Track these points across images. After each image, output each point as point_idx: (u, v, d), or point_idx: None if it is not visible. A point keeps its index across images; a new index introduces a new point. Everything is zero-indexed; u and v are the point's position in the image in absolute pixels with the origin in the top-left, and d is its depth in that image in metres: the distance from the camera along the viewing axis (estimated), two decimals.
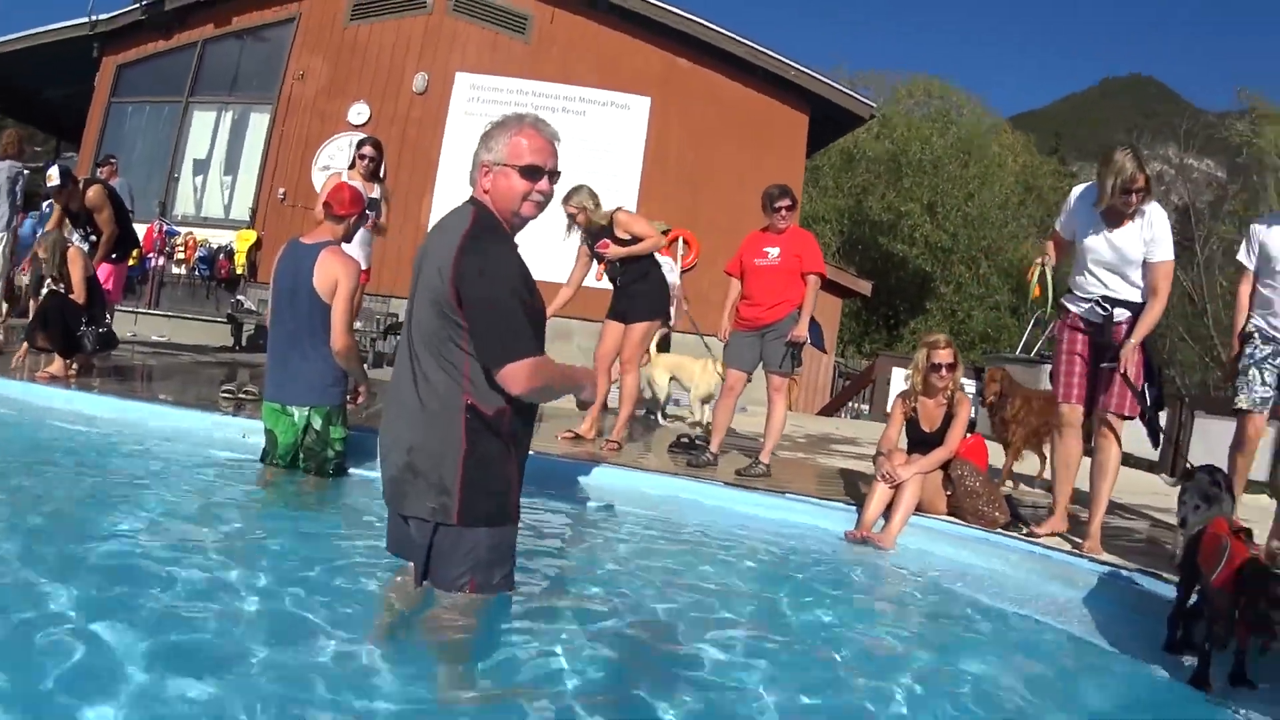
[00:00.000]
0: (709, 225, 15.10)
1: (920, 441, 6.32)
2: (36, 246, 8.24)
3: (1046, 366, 13.79)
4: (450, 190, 14.81)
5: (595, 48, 16.01)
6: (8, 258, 10.32)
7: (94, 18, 16.45)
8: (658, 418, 11.24)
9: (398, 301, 14.46)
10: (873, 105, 17.82)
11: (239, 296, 15.22)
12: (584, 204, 7.78)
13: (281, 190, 15.91)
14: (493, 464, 3.46)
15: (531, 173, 3.45)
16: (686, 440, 8.09)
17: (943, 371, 6.23)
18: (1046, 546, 5.68)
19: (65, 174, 8.96)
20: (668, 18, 15.65)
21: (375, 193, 8.54)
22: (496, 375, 3.34)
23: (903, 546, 5.80)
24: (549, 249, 6.87)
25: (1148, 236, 5.57)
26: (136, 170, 15.40)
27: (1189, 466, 5.15)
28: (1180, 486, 4.90)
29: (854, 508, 6.22)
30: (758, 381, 7.80)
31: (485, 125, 3.58)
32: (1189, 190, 32.27)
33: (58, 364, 7.79)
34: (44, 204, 12.59)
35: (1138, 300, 5.68)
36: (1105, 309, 5.71)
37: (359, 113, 16.00)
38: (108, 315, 8.54)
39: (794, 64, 15.77)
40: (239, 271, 15.65)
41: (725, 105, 15.92)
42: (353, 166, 8.78)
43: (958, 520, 6.12)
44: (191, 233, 16.05)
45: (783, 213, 7.59)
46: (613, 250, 7.75)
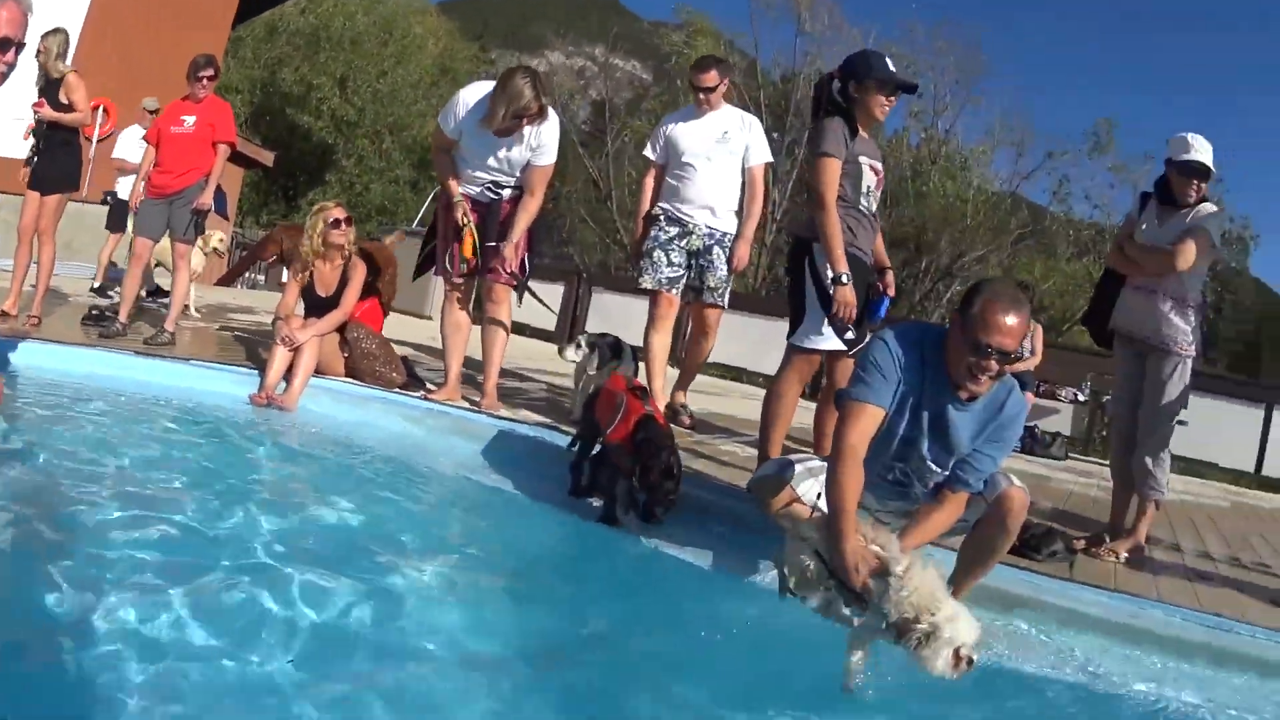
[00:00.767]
0: (131, 96, 14.05)
1: (317, 305, 6.51)
2: None
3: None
4: None
5: None
6: None
7: None
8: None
9: None
10: None
11: None
12: (51, 48, 7.34)
13: None
14: None
15: (1, 45, 3.31)
16: (97, 312, 7.71)
17: (341, 226, 6.45)
18: (445, 404, 6.09)
19: None
20: None
21: None
22: None
23: (305, 408, 6.01)
24: None
25: (534, 144, 5.97)
26: None
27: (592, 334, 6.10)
28: (588, 345, 5.81)
29: (256, 372, 6.32)
30: None
31: None
32: (609, 87, 34.61)
33: None
34: None
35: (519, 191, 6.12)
36: (495, 193, 6.09)
37: None
38: None
39: None
40: None
41: None
42: None
43: (356, 381, 6.43)
44: None
45: (204, 82, 7.54)
46: (46, 111, 7.40)
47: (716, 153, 6.57)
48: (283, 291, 6.77)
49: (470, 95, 5.97)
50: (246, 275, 20.35)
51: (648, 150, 6.96)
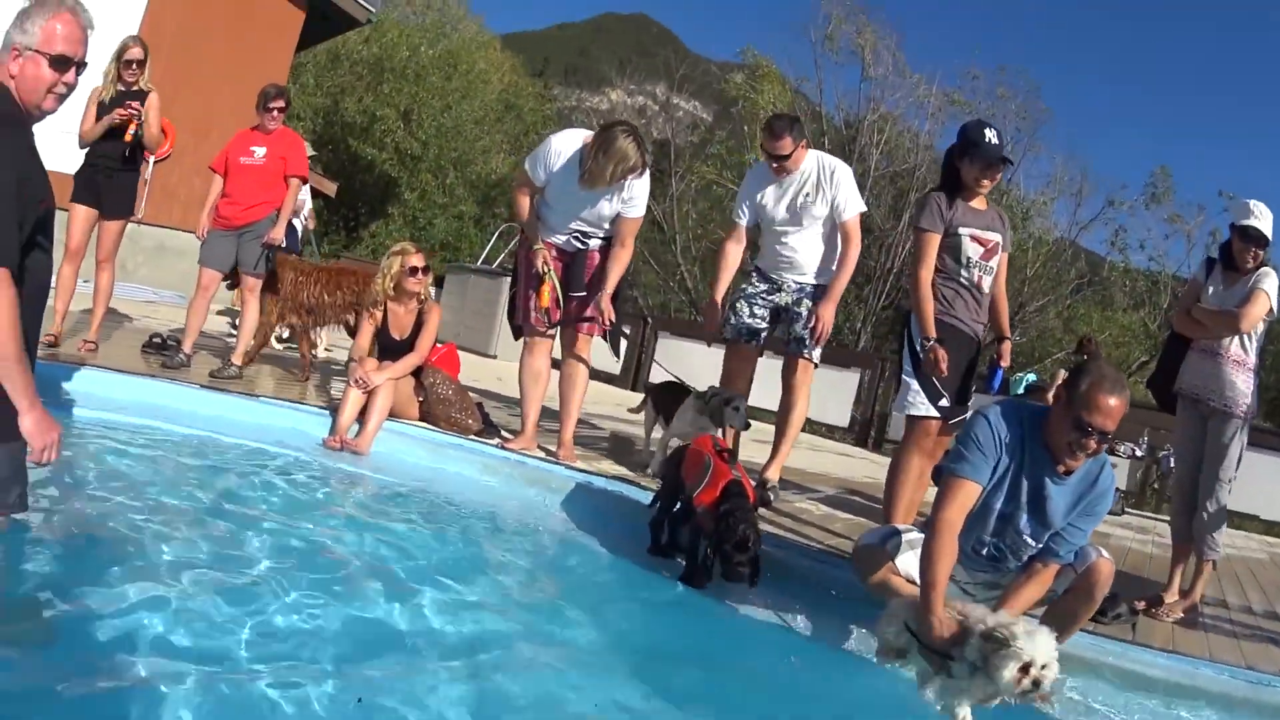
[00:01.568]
0: (186, 116, 14.20)
1: (391, 349, 6.42)
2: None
3: (508, 279, 14.62)
4: None
5: None
6: None
7: None
8: None
9: None
10: (371, 10, 17.57)
11: None
12: (144, 58, 7.17)
13: None
14: None
15: (61, 63, 3.16)
16: (159, 340, 7.70)
17: (418, 275, 6.38)
18: (521, 453, 6.01)
19: None
20: None
21: None
22: None
23: (378, 453, 5.95)
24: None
25: (626, 197, 5.93)
26: None
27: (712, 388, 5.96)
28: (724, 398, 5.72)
29: (328, 412, 6.28)
30: None
31: (25, 2, 3.22)
32: (670, 127, 34.69)
33: None
34: None
35: (608, 236, 6.09)
36: (583, 243, 6.06)
37: None
38: None
39: None
40: None
41: None
42: None
43: (431, 426, 6.35)
44: None
45: (274, 113, 7.51)
46: (151, 128, 7.19)
47: (801, 218, 6.17)
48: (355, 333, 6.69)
49: (563, 144, 5.90)
50: None
51: (736, 216, 6.48)
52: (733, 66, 36.63)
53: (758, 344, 6.33)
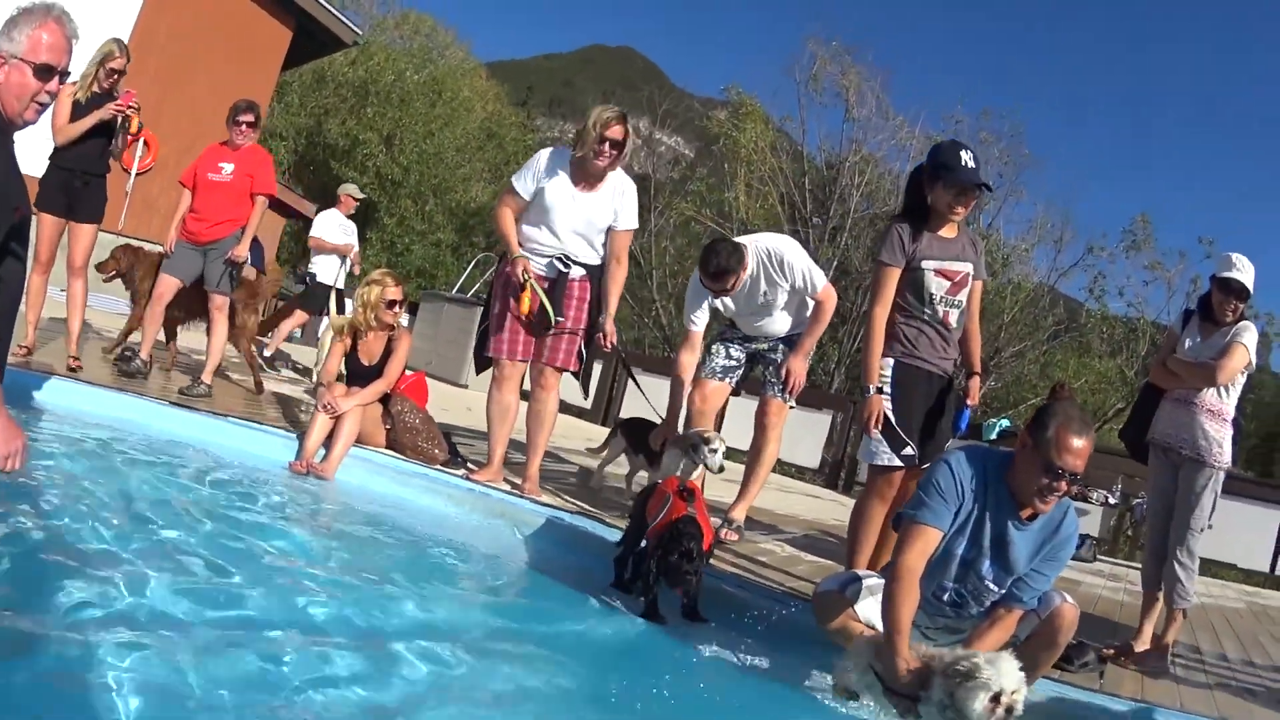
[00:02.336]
0: (171, 129, 14.20)
1: (359, 374, 6.36)
2: None
3: (481, 308, 14.56)
4: None
5: None
6: None
7: None
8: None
9: None
10: (358, 32, 17.68)
11: None
12: (122, 69, 7.03)
13: None
14: None
15: (45, 72, 3.17)
16: (129, 354, 7.54)
17: (396, 309, 6.35)
18: (487, 485, 5.94)
19: None
20: None
21: None
22: None
23: (343, 480, 5.88)
24: None
25: (616, 205, 5.95)
26: None
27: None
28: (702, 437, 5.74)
29: (294, 436, 6.21)
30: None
31: (13, 10, 3.23)
32: (652, 162, 34.69)
33: None
34: None
35: (595, 263, 6.05)
36: (565, 266, 5.97)
37: None
38: None
39: None
40: None
41: (216, 8, 15.15)
42: None
43: (397, 454, 6.30)
44: None
45: (243, 128, 7.42)
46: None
47: (763, 309, 6.10)
48: (327, 353, 6.65)
49: (555, 156, 6.00)
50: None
51: (689, 324, 6.27)
52: (716, 103, 36.77)
53: (730, 381, 6.26)
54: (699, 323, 6.23)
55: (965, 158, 4.74)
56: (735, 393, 6.53)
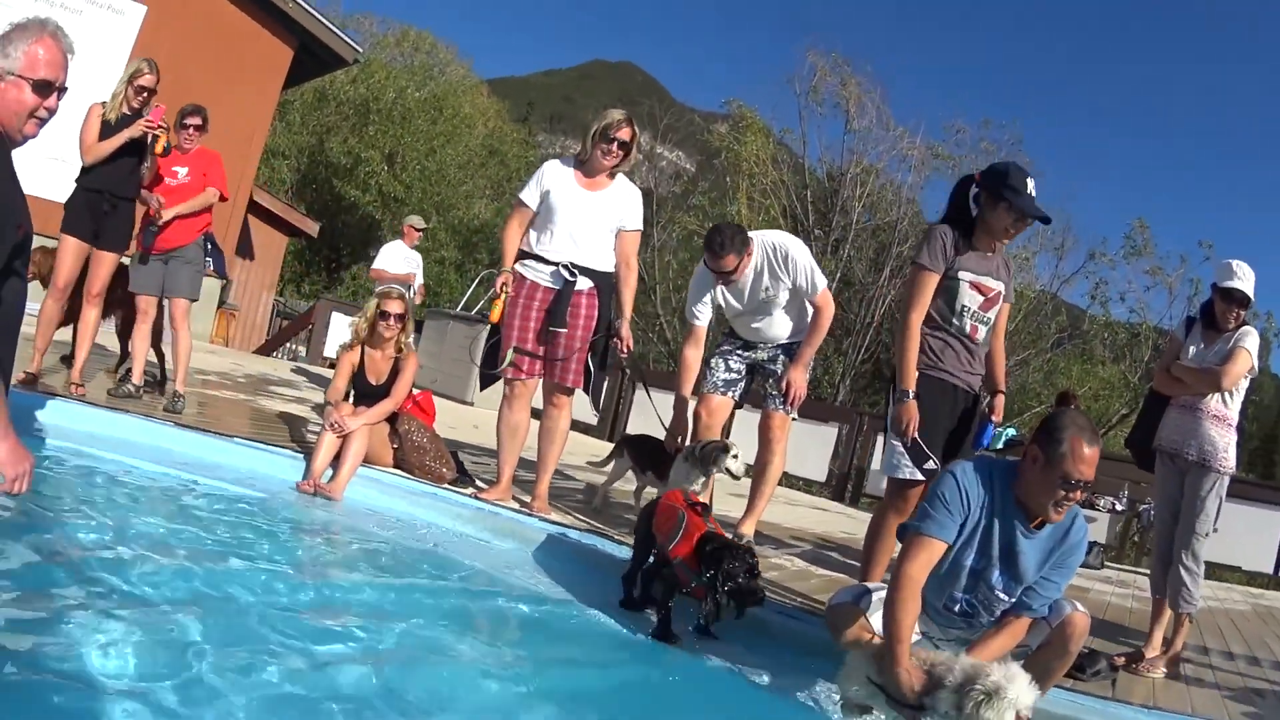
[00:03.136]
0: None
1: (367, 393, 6.36)
2: None
3: (487, 326, 14.56)
4: None
5: None
6: None
7: None
8: None
9: None
10: (359, 50, 17.70)
11: None
12: (152, 86, 6.86)
13: None
14: None
15: (43, 88, 3.14)
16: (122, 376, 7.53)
17: (390, 321, 6.31)
18: (495, 504, 5.92)
19: None
20: None
21: None
22: None
23: (351, 499, 5.87)
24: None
25: (622, 207, 5.95)
26: None
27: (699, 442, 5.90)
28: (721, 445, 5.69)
29: (301, 456, 6.20)
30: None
31: (6, 26, 3.21)
32: (654, 177, 34.64)
33: None
34: None
35: (602, 269, 5.99)
36: (571, 275, 5.91)
37: None
38: None
39: None
40: None
41: (217, 26, 15.16)
42: None
43: (405, 474, 6.28)
44: None
45: (190, 131, 7.18)
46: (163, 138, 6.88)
47: (763, 306, 6.08)
48: (333, 372, 6.64)
49: (555, 162, 6.05)
50: (287, 345, 20.39)
51: (691, 317, 6.26)
52: (717, 117, 36.75)
53: (734, 395, 6.24)
54: (702, 317, 6.22)
55: (1031, 186, 4.71)
56: (738, 405, 6.50)
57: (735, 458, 5.74)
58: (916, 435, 4.73)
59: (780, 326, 6.16)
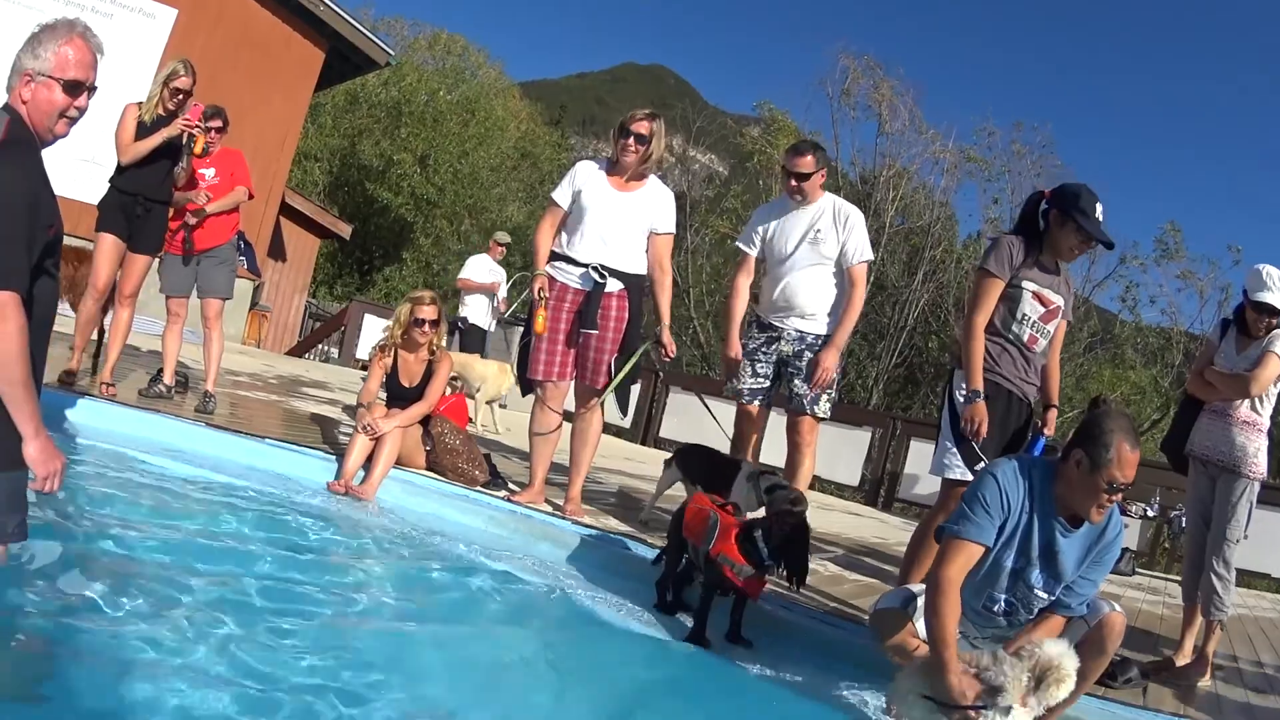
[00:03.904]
0: None
1: (399, 396, 6.34)
2: None
3: (520, 328, 14.55)
4: None
5: None
6: None
7: None
8: None
9: None
10: (390, 53, 17.76)
11: None
12: (188, 89, 6.85)
13: None
14: None
15: (73, 88, 3.14)
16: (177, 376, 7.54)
17: (425, 327, 6.27)
18: (529, 507, 5.89)
19: None
20: None
21: None
22: None
23: (383, 500, 5.84)
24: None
25: (655, 207, 5.95)
26: None
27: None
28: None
29: (333, 457, 6.19)
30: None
31: (35, 27, 3.19)
32: (687, 180, 34.55)
33: None
34: None
35: (633, 272, 5.98)
36: (601, 277, 5.90)
37: None
38: None
39: None
40: None
41: (248, 29, 15.26)
42: None
43: (438, 476, 6.26)
44: None
45: (212, 134, 7.11)
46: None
47: (807, 255, 6.03)
48: (365, 375, 6.61)
49: (587, 162, 6.07)
50: (320, 347, 20.44)
51: (742, 242, 6.39)
52: (750, 120, 36.65)
53: (765, 402, 6.21)
54: (754, 247, 6.28)
55: (1100, 210, 4.77)
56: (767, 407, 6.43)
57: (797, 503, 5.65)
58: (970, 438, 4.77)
59: (806, 296, 6.06)
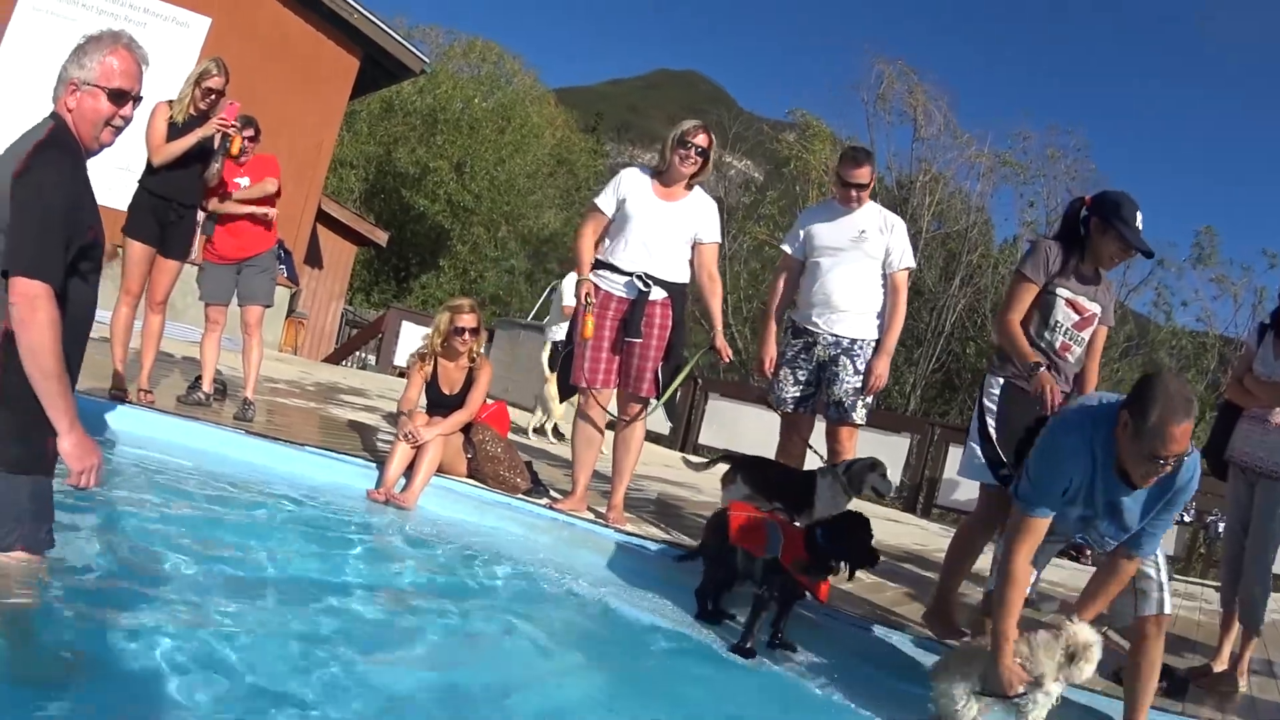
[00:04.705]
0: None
1: (439, 403, 6.30)
2: None
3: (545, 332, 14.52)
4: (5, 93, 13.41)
5: None
6: None
7: None
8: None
9: None
10: (426, 61, 17.79)
11: None
12: (220, 89, 6.77)
13: None
14: (29, 400, 2.98)
15: (118, 97, 3.19)
16: (220, 386, 7.53)
17: (465, 336, 6.23)
18: (570, 515, 5.87)
19: None
20: None
21: None
22: (10, 284, 2.90)
23: (425, 508, 5.81)
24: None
25: (700, 217, 5.94)
26: None
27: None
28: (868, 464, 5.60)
29: (374, 464, 6.17)
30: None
31: (80, 38, 3.26)
32: (723, 186, 34.47)
33: None
34: None
35: (677, 281, 5.96)
36: (646, 286, 5.87)
37: None
38: None
39: (358, 6, 15.43)
40: None
41: (282, 37, 15.38)
42: None
43: (479, 484, 6.23)
44: None
45: (246, 143, 7.09)
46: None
47: (851, 253, 6.07)
48: (405, 383, 6.58)
49: (632, 170, 6.08)
50: (357, 354, 20.52)
51: (785, 244, 6.47)
52: (785, 125, 36.55)
53: (807, 410, 6.21)
54: (794, 245, 6.33)
55: (1139, 219, 4.79)
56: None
57: (884, 476, 5.63)
58: (996, 440, 4.82)
59: (844, 292, 6.06)
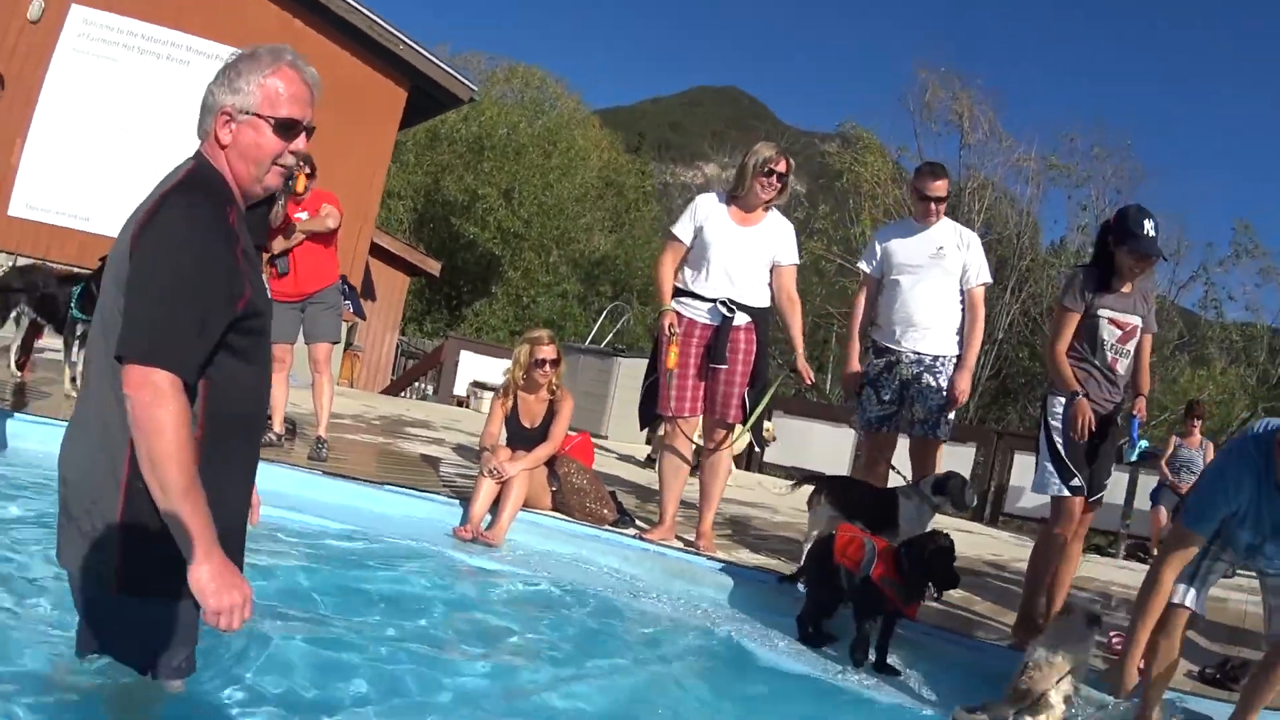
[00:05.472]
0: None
1: (521, 437, 6.28)
2: None
3: (619, 359, 14.49)
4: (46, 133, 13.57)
5: None
6: None
7: None
8: None
9: None
10: (474, 89, 17.84)
11: None
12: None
13: None
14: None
15: (287, 128, 2.59)
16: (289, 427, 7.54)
17: (545, 367, 6.24)
18: (660, 544, 5.86)
19: None
20: None
21: None
22: (124, 373, 2.22)
23: (513, 543, 5.78)
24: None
25: (778, 241, 5.96)
26: None
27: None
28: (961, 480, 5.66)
29: (457, 502, 6.14)
30: None
31: (229, 57, 2.64)
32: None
33: None
34: None
35: (759, 305, 5.97)
36: (729, 311, 5.89)
37: None
38: None
39: (404, 38, 15.45)
40: None
41: (331, 72, 15.11)
42: None
43: (566, 517, 6.21)
44: None
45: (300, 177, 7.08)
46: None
47: (930, 270, 6.07)
48: (485, 417, 6.57)
49: (707, 197, 6.12)
50: (416, 385, 20.59)
51: (862, 263, 6.51)
52: (827, 137, 36.35)
53: (891, 429, 6.22)
54: (873, 264, 6.35)
55: (1148, 226, 5.02)
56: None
57: (964, 489, 5.68)
58: (1064, 454, 5.04)
59: (925, 311, 6.09)
